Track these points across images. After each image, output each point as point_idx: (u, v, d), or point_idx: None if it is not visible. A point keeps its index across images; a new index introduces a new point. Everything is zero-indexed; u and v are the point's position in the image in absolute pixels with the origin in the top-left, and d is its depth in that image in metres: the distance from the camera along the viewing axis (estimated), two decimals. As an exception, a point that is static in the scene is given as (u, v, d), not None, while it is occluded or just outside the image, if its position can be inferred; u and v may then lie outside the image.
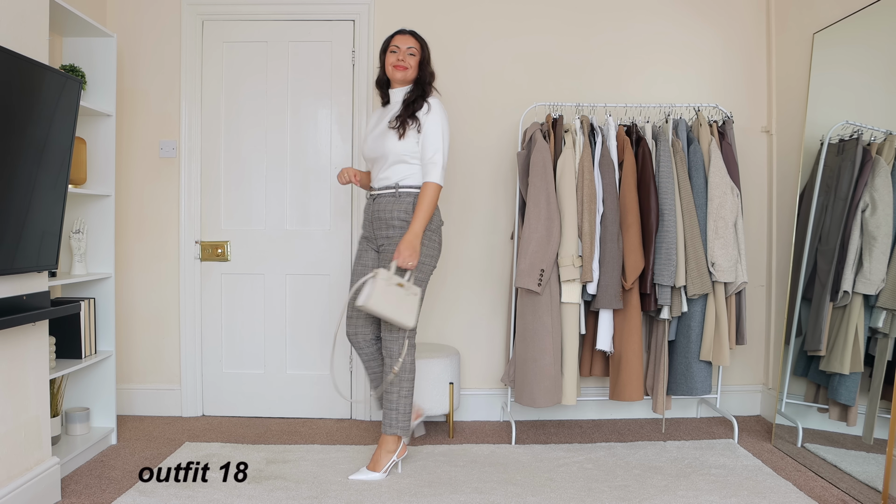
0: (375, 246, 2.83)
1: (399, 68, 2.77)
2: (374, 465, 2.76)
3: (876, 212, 2.68)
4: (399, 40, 2.81)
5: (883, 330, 2.60)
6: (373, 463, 2.77)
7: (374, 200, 2.79)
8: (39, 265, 2.38)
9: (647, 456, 3.03)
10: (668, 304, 3.10)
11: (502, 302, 3.62)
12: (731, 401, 3.68)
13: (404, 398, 2.76)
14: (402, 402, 2.77)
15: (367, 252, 2.86)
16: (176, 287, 3.62)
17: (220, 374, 3.65)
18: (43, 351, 2.51)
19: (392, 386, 2.75)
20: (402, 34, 2.83)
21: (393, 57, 2.79)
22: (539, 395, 3.06)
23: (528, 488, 2.66)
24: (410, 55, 2.79)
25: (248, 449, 3.10)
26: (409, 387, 2.77)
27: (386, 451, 2.77)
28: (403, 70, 2.77)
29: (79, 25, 2.94)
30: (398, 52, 2.78)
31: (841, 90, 3.02)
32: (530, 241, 3.04)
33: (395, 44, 2.80)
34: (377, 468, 2.75)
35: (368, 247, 2.86)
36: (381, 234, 2.78)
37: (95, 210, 3.15)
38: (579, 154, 3.15)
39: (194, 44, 3.57)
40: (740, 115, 3.63)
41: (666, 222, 3.09)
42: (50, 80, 2.33)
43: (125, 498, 2.54)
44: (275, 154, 3.61)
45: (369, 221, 2.82)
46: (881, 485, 2.48)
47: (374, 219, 2.79)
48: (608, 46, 3.61)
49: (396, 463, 2.83)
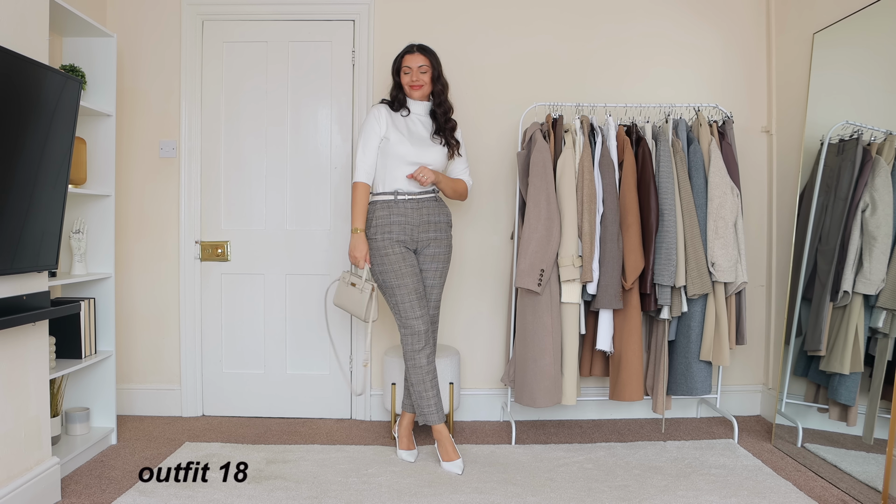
0: (415, 247, 2.96)
1: (416, 87, 2.95)
2: (449, 454, 2.89)
3: (876, 212, 2.68)
4: (409, 60, 2.94)
5: (883, 330, 2.60)
6: (447, 453, 2.89)
7: (420, 204, 2.93)
8: (39, 265, 2.38)
9: (647, 456, 3.03)
10: (668, 304, 3.10)
11: (502, 302, 3.62)
12: (731, 401, 3.68)
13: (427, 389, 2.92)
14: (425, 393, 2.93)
15: (409, 253, 2.93)
16: (176, 287, 3.62)
17: (220, 374, 3.65)
18: (43, 351, 2.51)
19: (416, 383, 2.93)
20: (411, 54, 2.95)
21: (407, 78, 2.95)
22: (539, 395, 3.06)
23: (528, 488, 2.66)
24: (422, 73, 2.94)
25: (248, 449, 3.10)
26: (418, 378, 2.91)
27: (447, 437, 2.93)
28: (420, 88, 2.95)
29: (79, 25, 2.94)
30: (411, 72, 2.94)
31: (841, 90, 3.02)
32: (530, 241, 3.04)
33: (407, 65, 2.94)
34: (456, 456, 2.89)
35: (408, 249, 2.94)
36: (425, 236, 2.94)
37: (95, 210, 3.15)
38: (579, 154, 3.15)
39: (194, 44, 3.57)
40: (740, 115, 3.63)
41: (666, 222, 3.09)
42: (50, 80, 2.33)
43: (125, 498, 2.54)
44: (275, 154, 3.61)
45: (414, 225, 2.91)
46: (881, 485, 2.49)
47: (420, 222, 2.92)
48: (608, 46, 3.61)
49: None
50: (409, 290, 2.86)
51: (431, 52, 2.98)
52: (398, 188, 2.90)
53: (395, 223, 2.89)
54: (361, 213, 2.87)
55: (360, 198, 2.88)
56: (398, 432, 3.09)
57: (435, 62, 2.97)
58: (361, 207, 2.88)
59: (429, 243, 2.96)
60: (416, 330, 2.87)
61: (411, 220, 2.90)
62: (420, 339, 2.87)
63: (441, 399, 2.95)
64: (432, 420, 2.90)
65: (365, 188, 2.90)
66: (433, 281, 2.99)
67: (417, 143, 2.92)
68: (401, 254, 2.88)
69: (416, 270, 2.91)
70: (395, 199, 2.90)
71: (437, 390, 2.92)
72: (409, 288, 2.86)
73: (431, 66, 2.95)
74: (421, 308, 2.88)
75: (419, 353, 2.88)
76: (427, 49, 2.97)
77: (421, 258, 2.97)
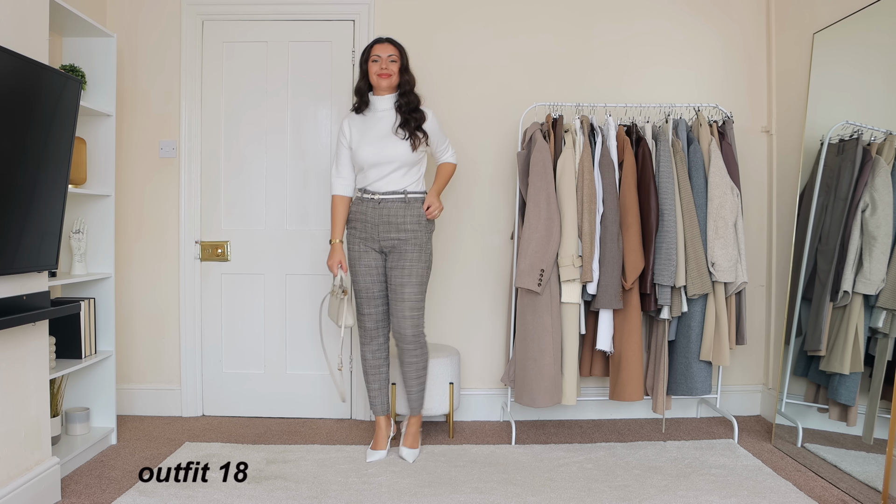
0: (378, 247, 2.96)
1: (384, 76, 2.90)
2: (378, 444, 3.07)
3: (876, 212, 2.68)
4: (379, 49, 2.94)
5: (883, 330, 2.60)
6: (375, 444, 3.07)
7: (380, 204, 2.92)
8: (39, 265, 2.38)
9: (647, 456, 3.03)
10: (669, 304, 3.10)
11: (502, 302, 3.62)
12: (731, 401, 3.68)
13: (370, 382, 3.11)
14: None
15: (369, 253, 2.98)
16: (176, 287, 3.62)
17: (220, 374, 3.65)
18: (43, 351, 2.51)
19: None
20: (380, 43, 2.96)
21: (376, 66, 2.92)
22: (539, 395, 3.06)
23: (528, 488, 2.66)
24: (392, 62, 2.93)
25: (248, 449, 3.10)
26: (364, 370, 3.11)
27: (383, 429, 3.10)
28: (388, 77, 2.91)
29: (79, 25, 2.94)
30: (380, 60, 2.92)
31: (841, 90, 3.02)
32: (530, 241, 3.04)
33: (376, 53, 2.93)
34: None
35: (369, 248, 2.97)
36: (388, 237, 2.93)
37: (95, 210, 3.15)
38: (579, 154, 3.15)
39: (194, 44, 3.57)
40: (740, 115, 3.63)
41: (666, 222, 3.09)
42: (50, 80, 2.33)
43: (125, 498, 2.54)
44: (275, 154, 3.61)
45: (373, 224, 2.93)
46: (881, 485, 2.49)
47: (380, 222, 2.92)
48: (608, 46, 3.61)
49: None
50: (361, 288, 3.00)
51: (400, 44, 2.99)
52: (365, 186, 2.96)
53: (357, 220, 2.98)
54: (336, 226, 2.99)
55: (335, 210, 3.01)
56: (405, 430, 3.12)
57: (403, 54, 2.97)
58: (337, 220, 3.00)
59: (393, 244, 2.94)
60: (363, 325, 3.04)
61: (370, 219, 2.94)
62: (366, 335, 3.04)
63: (387, 396, 3.11)
64: (374, 411, 3.09)
65: (340, 200, 3.01)
66: (401, 280, 2.92)
67: (376, 142, 2.92)
68: (358, 252, 2.98)
69: (373, 271, 2.98)
70: (361, 196, 2.97)
71: (382, 385, 3.08)
72: (361, 286, 3.00)
73: (400, 56, 2.94)
74: (371, 307, 3.00)
75: (364, 348, 3.06)
76: (395, 41, 2.98)
77: (389, 258, 2.97)
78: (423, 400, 3.14)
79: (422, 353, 3.01)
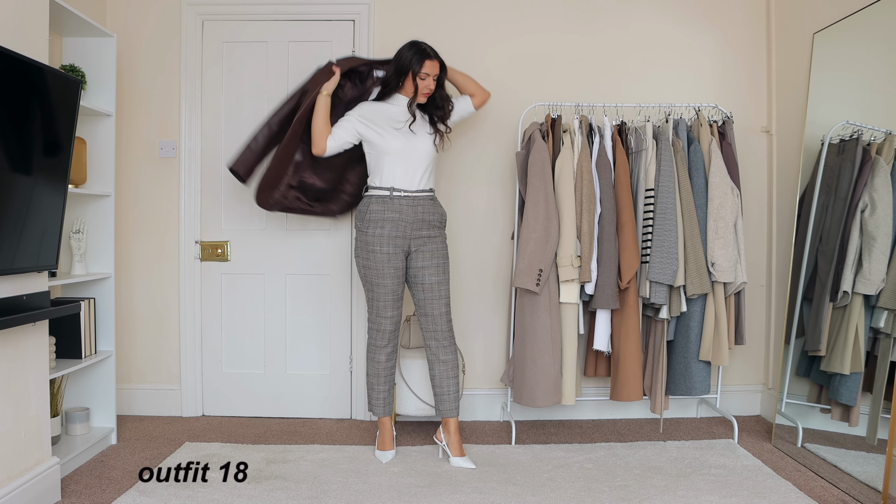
0: (406, 247, 2.93)
1: (427, 95, 2.97)
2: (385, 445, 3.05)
3: (875, 212, 2.68)
4: (429, 67, 2.92)
5: (885, 330, 2.60)
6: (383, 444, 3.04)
7: (416, 202, 2.92)
8: (39, 265, 2.38)
9: (647, 456, 3.03)
10: (666, 303, 3.10)
11: (502, 302, 3.62)
12: (731, 401, 3.68)
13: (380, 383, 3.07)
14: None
15: (398, 255, 2.92)
16: (176, 287, 3.62)
17: (220, 374, 3.65)
18: (43, 351, 2.51)
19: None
20: (431, 60, 2.93)
21: (423, 84, 2.93)
22: (539, 395, 3.06)
23: (528, 488, 2.66)
24: (434, 81, 2.96)
25: (248, 449, 3.10)
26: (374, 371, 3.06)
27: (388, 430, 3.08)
28: (428, 96, 2.98)
29: (79, 25, 2.94)
30: (427, 79, 2.93)
31: (841, 90, 3.02)
32: (529, 241, 3.04)
33: (426, 71, 2.92)
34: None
35: (398, 249, 2.91)
36: (420, 235, 2.93)
37: (95, 210, 3.15)
38: (577, 154, 3.15)
39: (194, 44, 3.57)
40: (740, 115, 3.63)
41: (666, 222, 3.09)
42: (50, 80, 2.33)
43: (125, 498, 2.54)
44: (275, 154, 3.61)
45: (407, 223, 2.90)
46: (881, 485, 2.49)
47: (415, 220, 2.91)
48: (608, 46, 3.61)
49: None
50: (388, 291, 2.92)
51: (443, 61, 3.00)
52: (394, 185, 2.90)
53: (388, 220, 2.88)
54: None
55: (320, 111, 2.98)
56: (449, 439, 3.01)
57: (444, 73, 3.00)
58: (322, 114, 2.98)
59: (424, 242, 2.94)
60: (383, 328, 2.97)
61: (406, 217, 2.89)
62: (384, 338, 2.98)
63: (391, 396, 3.08)
64: (378, 412, 3.05)
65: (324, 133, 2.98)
66: (437, 277, 2.94)
67: (401, 136, 2.92)
68: (387, 254, 2.89)
69: (400, 273, 2.93)
70: (390, 195, 2.90)
71: (390, 387, 3.06)
72: (388, 288, 2.92)
73: (440, 73, 2.98)
74: (394, 309, 2.96)
75: (380, 351, 2.99)
76: (440, 58, 2.98)
77: (418, 257, 2.94)
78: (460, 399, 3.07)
79: (455, 349, 3.01)
